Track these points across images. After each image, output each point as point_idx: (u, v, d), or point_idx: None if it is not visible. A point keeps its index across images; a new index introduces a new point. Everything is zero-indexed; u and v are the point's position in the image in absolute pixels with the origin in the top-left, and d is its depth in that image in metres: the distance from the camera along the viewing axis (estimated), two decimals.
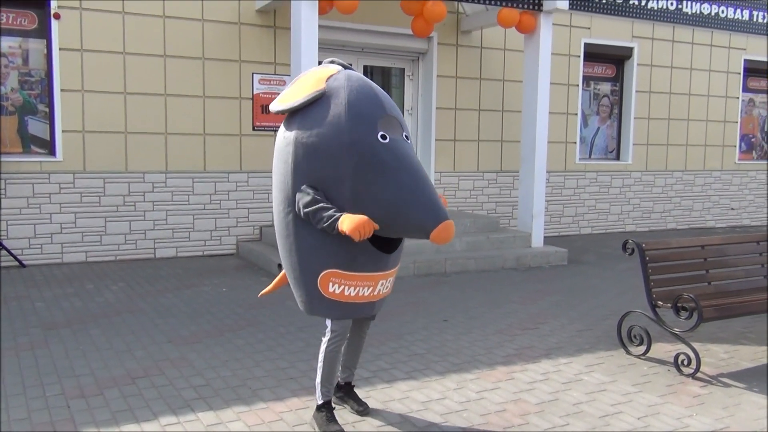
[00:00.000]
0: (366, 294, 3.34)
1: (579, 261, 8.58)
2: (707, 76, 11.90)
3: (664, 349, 4.88)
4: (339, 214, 3.09)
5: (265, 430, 3.47)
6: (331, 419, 3.45)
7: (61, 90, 7.47)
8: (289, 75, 7.84)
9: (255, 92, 8.38)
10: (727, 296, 4.81)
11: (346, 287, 3.28)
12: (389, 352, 4.75)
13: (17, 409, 3.64)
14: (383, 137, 3.14)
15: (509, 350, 4.87)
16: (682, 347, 4.61)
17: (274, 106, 3.37)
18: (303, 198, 3.17)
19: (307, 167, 3.20)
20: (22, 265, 7.32)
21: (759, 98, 12.84)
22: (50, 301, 5.93)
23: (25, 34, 7.42)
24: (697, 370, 4.38)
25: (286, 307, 5.86)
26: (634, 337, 4.87)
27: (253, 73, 8.37)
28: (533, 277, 7.59)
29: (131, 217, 7.90)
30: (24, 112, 7.52)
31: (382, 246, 3.30)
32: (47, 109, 7.57)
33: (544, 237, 8.89)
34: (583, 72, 10.75)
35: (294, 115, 3.29)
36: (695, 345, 4.64)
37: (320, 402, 3.49)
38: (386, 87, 9.82)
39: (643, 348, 4.79)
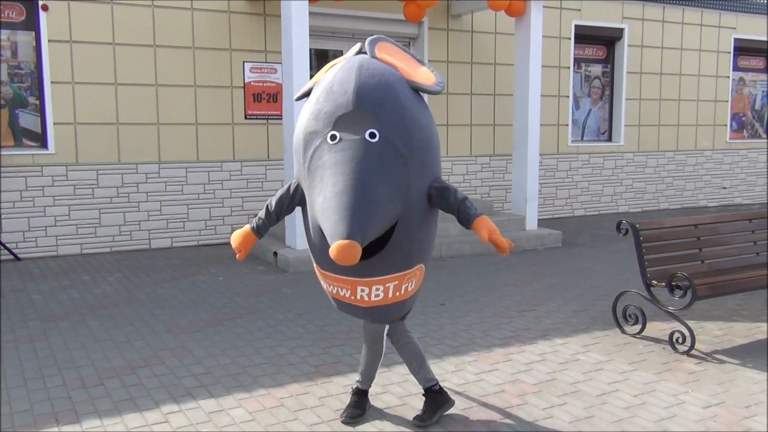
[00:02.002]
0: (346, 295, 3.11)
1: (573, 243, 8.63)
2: (697, 55, 11.92)
3: (658, 328, 4.93)
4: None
5: (266, 415, 3.50)
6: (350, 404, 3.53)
7: (52, 82, 7.42)
8: (280, 63, 7.81)
9: (246, 81, 8.35)
10: (720, 274, 4.86)
11: (326, 284, 3.21)
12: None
13: (19, 401, 3.65)
14: (333, 137, 2.85)
15: (506, 332, 4.91)
16: (676, 325, 4.65)
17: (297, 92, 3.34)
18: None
19: (294, 159, 3.16)
20: (17, 258, 7.30)
21: (749, 77, 12.88)
22: (47, 294, 5.94)
23: (13, 26, 7.36)
24: (692, 347, 4.43)
25: (283, 294, 5.90)
26: (629, 316, 4.92)
27: (244, 62, 8.33)
28: (528, 259, 7.63)
29: (125, 209, 7.89)
30: (14, 105, 7.47)
31: None
32: (38, 102, 7.52)
33: (538, 219, 8.92)
34: (574, 54, 10.74)
35: None
36: (689, 323, 4.70)
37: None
38: None
39: (638, 327, 4.84)
